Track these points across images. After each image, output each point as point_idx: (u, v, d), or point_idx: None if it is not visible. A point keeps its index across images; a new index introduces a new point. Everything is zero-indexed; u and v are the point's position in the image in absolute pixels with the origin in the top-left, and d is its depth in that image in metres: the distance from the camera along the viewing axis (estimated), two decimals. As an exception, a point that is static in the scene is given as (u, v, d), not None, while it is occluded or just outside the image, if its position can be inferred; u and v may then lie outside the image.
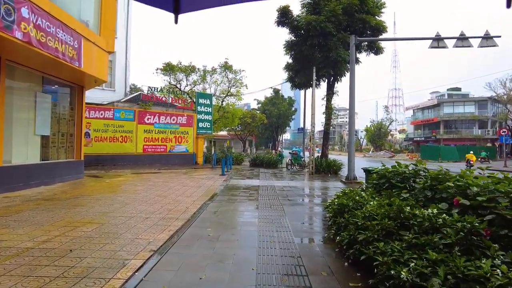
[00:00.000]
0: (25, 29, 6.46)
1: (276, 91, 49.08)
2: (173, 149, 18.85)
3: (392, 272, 2.43)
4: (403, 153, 50.47)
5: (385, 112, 63.86)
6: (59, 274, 3.01)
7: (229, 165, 16.37)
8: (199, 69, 24.52)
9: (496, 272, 2.00)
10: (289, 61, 18.23)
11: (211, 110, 20.55)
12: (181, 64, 23.91)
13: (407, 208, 3.25)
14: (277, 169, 18.09)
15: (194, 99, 21.61)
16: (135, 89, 31.30)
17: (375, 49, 16.65)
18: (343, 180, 12.21)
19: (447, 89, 57.74)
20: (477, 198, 2.84)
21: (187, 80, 24.61)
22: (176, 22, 1.95)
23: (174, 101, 23.28)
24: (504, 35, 12.39)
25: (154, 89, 21.89)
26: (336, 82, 17.68)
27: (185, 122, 19.31)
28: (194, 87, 24.95)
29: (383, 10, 16.19)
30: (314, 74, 15.49)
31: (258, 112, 43.79)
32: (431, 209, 2.95)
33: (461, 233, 2.46)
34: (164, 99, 22.03)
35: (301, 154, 19.64)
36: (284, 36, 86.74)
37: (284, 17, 16.31)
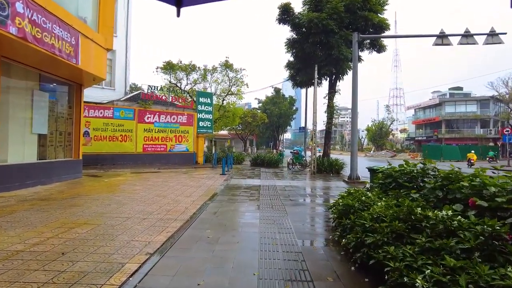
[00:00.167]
0: (19, 24, 6.29)
1: (277, 90, 48.87)
2: (173, 149, 18.67)
3: (406, 279, 2.24)
4: (404, 152, 50.17)
5: (386, 112, 63.51)
6: (48, 280, 2.83)
7: (229, 164, 16.19)
8: (199, 67, 24.32)
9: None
10: (291, 59, 18.04)
11: (211, 109, 20.36)
12: (181, 63, 23.73)
13: (418, 209, 3.06)
14: (278, 168, 17.90)
15: (195, 98, 21.42)
16: (135, 88, 31.11)
17: (378, 47, 16.43)
18: (346, 180, 12.01)
19: (449, 89, 57.45)
20: (496, 199, 2.64)
21: (187, 79, 24.42)
22: (178, 15, 1.94)
23: (174, 100, 23.09)
24: (504, 35, 12.13)
25: (154, 87, 21.71)
26: (338, 81, 17.47)
27: (186, 121, 19.13)
28: (194, 86, 24.75)
29: (385, 7, 15.96)
30: (316, 72, 15.29)
31: (259, 111, 43.58)
32: (445, 211, 2.75)
33: (480, 237, 2.26)
34: (164, 98, 21.85)
35: (303, 153, 19.43)
36: (285, 34, 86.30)
37: (285, 14, 16.11)
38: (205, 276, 3.06)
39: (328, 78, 17.45)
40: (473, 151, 29.68)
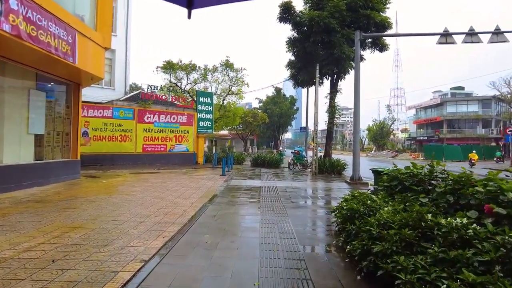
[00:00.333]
0: (13, 21, 6.11)
1: (277, 89, 48.66)
2: (173, 149, 18.51)
3: (419, 294, 2.06)
4: (405, 152, 49.86)
5: (387, 111, 63.18)
6: (34, 291, 2.65)
7: (230, 165, 16.01)
8: (199, 67, 24.15)
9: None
10: (291, 58, 17.84)
11: (212, 109, 20.19)
12: (181, 62, 23.56)
13: (429, 216, 2.88)
14: (279, 169, 17.70)
15: (195, 98, 21.24)
16: (135, 88, 30.94)
17: (380, 46, 16.23)
18: (348, 181, 11.81)
19: (450, 88, 57.14)
20: (515, 206, 2.46)
21: (187, 78, 24.26)
22: (189, 17, 1.97)
23: (174, 100, 22.92)
24: (510, 33, 11.89)
25: (154, 87, 21.55)
26: (339, 80, 17.27)
27: (186, 121, 18.96)
28: (194, 85, 24.59)
29: (388, 5, 15.75)
30: (317, 72, 15.08)
31: (259, 111, 43.36)
32: (459, 218, 2.56)
33: (501, 249, 2.08)
34: (164, 97, 21.67)
35: (304, 153, 19.23)
36: (286, 33, 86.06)
37: (286, 13, 15.91)
38: (202, 286, 2.88)
39: (330, 78, 17.26)
40: (474, 151, 29.53)
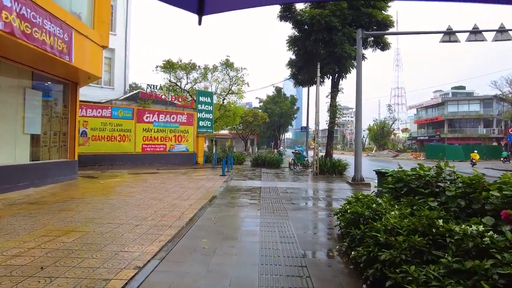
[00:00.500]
0: (6, 18, 5.94)
1: (278, 89, 48.49)
2: (172, 149, 18.35)
3: (433, 309, 1.89)
4: (406, 152, 49.65)
5: (388, 111, 62.97)
6: (18, 303, 2.48)
7: (230, 165, 15.85)
8: (199, 66, 23.97)
9: None
10: (292, 57, 17.65)
11: (212, 108, 20.01)
12: (181, 62, 23.38)
13: (440, 221, 2.70)
14: (279, 169, 17.53)
15: (195, 97, 21.07)
16: (135, 87, 30.77)
17: (382, 44, 16.03)
18: (350, 182, 11.64)
19: (451, 88, 56.94)
20: (535, 213, 2.29)
21: (187, 78, 24.08)
22: (200, 23, 1.98)
23: (174, 99, 22.75)
24: None
25: (153, 87, 21.38)
26: (341, 79, 17.06)
27: (185, 121, 18.80)
28: (194, 85, 24.41)
29: (389, 4, 15.55)
30: (318, 71, 14.90)
31: (260, 110, 43.18)
32: (474, 225, 2.39)
33: (524, 260, 1.91)
34: (164, 97, 21.51)
35: (305, 153, 19.05)
36: (286, 32, 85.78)
37: (287, 11, 15.71)
38: (199, 296, 2.71)
39: (331, 77, 17.05)
40: (476, 151, 29.37)
